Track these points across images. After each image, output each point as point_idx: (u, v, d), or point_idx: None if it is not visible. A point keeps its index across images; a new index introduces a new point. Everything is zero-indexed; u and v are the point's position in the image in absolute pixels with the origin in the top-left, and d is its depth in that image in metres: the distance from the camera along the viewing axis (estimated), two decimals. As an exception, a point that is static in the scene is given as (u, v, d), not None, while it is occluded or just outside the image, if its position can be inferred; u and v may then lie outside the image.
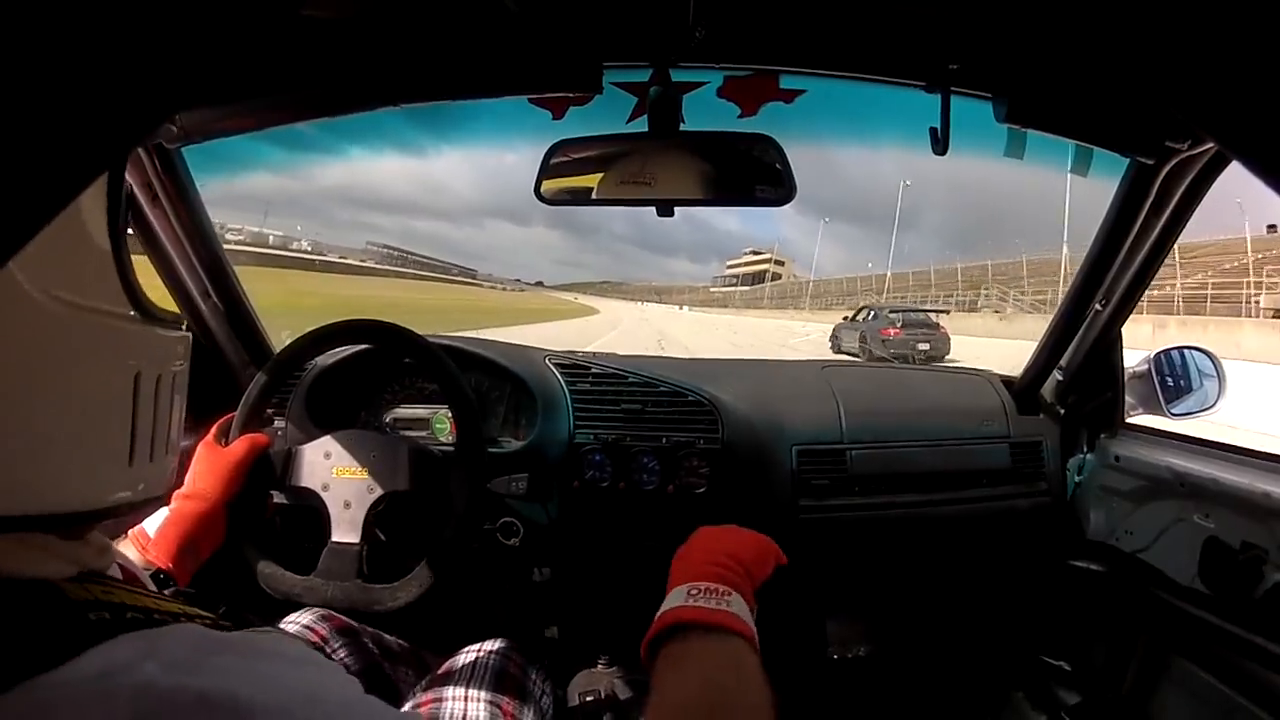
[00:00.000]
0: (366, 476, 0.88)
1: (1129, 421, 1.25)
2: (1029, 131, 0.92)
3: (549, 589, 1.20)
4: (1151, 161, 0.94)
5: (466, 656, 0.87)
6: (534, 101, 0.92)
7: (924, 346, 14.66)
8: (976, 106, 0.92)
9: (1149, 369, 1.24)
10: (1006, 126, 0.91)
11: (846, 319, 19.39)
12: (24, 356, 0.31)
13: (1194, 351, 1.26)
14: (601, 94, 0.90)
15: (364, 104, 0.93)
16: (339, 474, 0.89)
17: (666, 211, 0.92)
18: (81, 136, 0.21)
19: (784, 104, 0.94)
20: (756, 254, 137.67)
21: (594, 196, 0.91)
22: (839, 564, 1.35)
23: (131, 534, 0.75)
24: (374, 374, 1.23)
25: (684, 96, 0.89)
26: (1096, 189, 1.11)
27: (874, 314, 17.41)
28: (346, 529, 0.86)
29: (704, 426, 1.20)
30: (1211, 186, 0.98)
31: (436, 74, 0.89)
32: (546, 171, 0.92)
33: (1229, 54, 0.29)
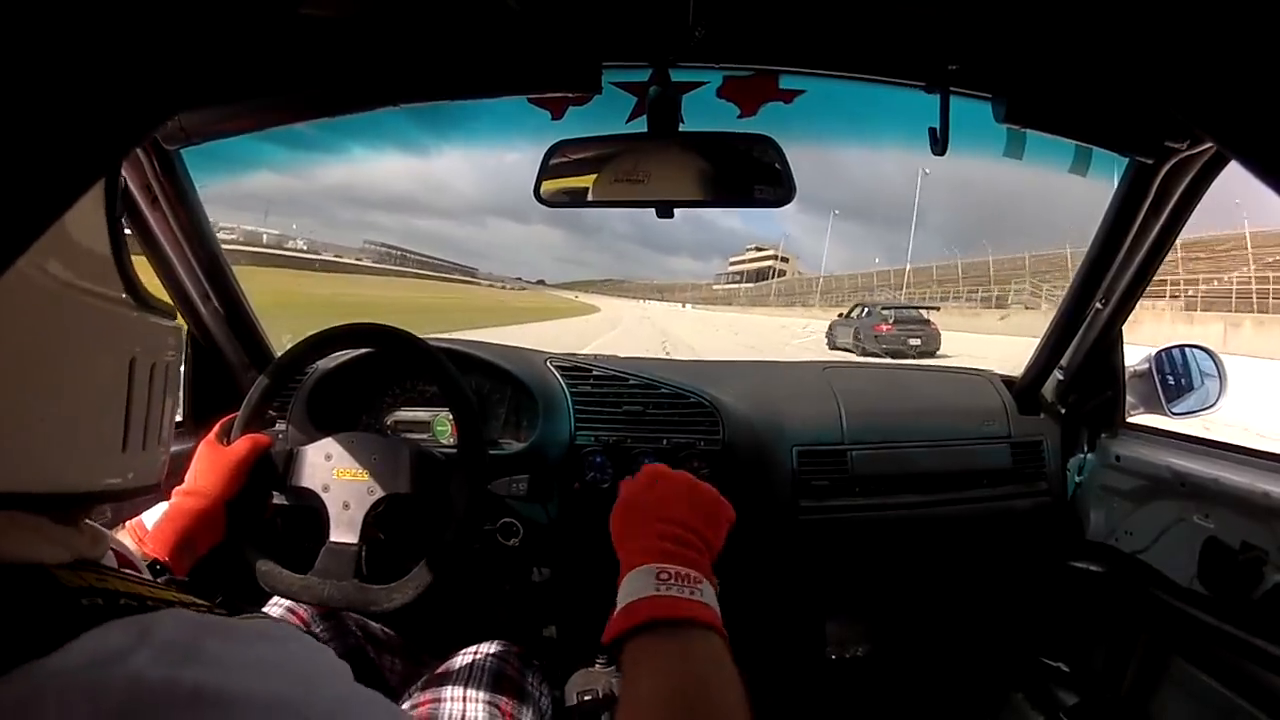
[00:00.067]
0: (367, 478, 0.88)
1: (1130, 421, 1.25)
2: (1028, 131, 0.93)
3: (548, 589, 1.20)
4: (1151, 161, 0.95)
5: (464, 658, 0.87)
6: (533, 101, 0.91)
7: (915, 342, 15.28)
8: (976, 107, 0.92)
9: (1150, 368, 1.24)
10: (1006, 127, 0.92)
11: (842, 315, 20.05)
12: (20, 333, 0.30)
13: (1195, 350, 1.25)
14: (601, 94, 0.89)
15: (364, 104, 0.93)
16: (339, 475, 0.88)
17: (666, 213, 0.92)
18: (81, 138, 0.21)
19: (783, 104, 0.94)
20: (760, 250, 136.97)
21: (591, 198, 0.91)
22: (839, 564, 1.34)
23: (129, 525, 0.75)
24: (375, 377, 1.23)
25: (683, 97, 0.89)
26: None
27: (868, 311, 18.07)
28: (345, 529, 0.86)
29: (705, 428, 1.20)
30: (1211, 186, 0.98)
31: (436, 74, 0.89)
32: (546, 172, 0.92)
33: (1229, 54, 0.29)
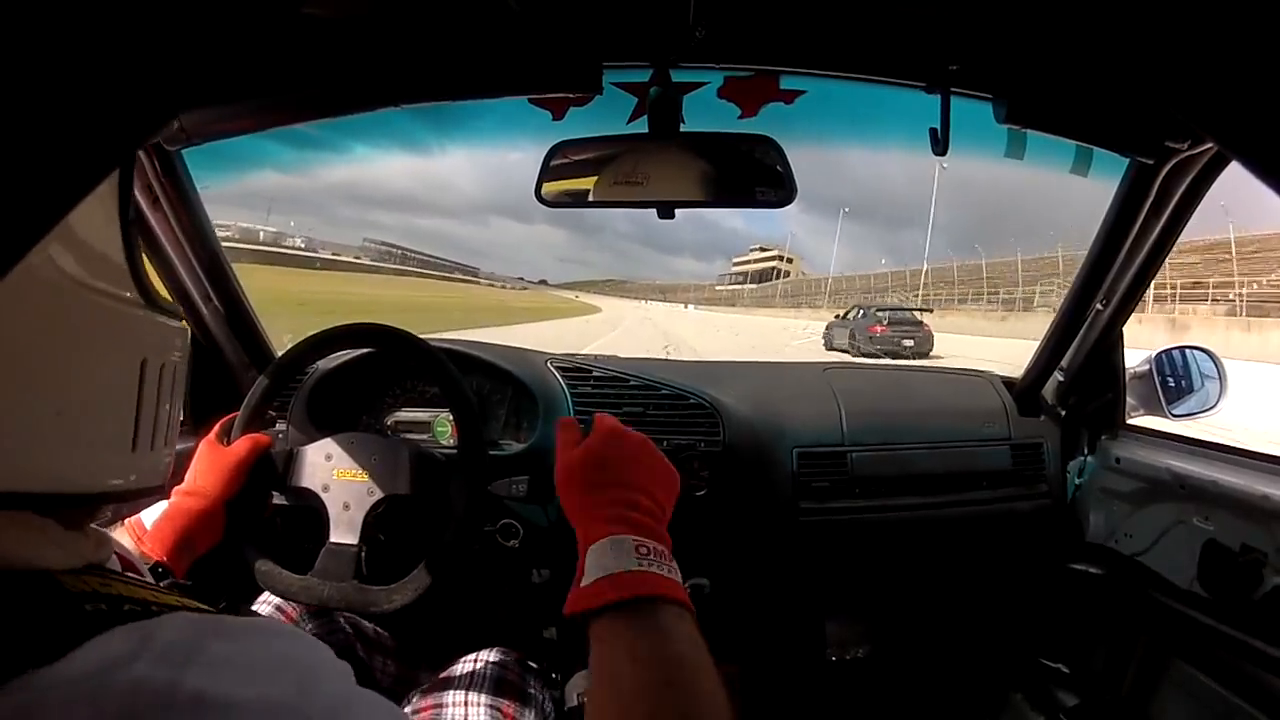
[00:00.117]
0: (367, 479, 0.88)
1: (1130, 423, 1.25)
2: (1029, 132, 0.92)
3: (548, 590, 1.20)
4: (1151, 161, 0.95)
5: (464, 665, 0.87)
6: (534, 102, 0.91)
7: (908, 343, 15.79)
8: (976, 107, 0.92)
9: (1150, 369, 1.24)
10: (1006, 127, 0.92)
11: (838, 317, 20.76)
12: (35, 332, 0.31)
13: (1195, 352, 1.25)
14: (601, 94, 0.89)
15: (365, 104, 0.93)
16: (339, 476, 0.88)
17: (667, 213, 0.92)
18: (86, 137, 0.21)
19: (784, 105, 0.93)
20: (764, 251, 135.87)
21: (592, 198, 0.91)
22: (839, 566, 1.34)
23: (128, 523, 0.75)
24: (375, 377, 1.23)
25: (684, 97, 0.89)
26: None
27: (863, 313, 18.74)
28: (345, 530, 0.86)
29: (705, 429, 1.20)
30: (1211, 186, 0.98)
31: (437, 74, 0.89)
32: (547, 173, 0.91)
33: (1229, 54, 0.29)
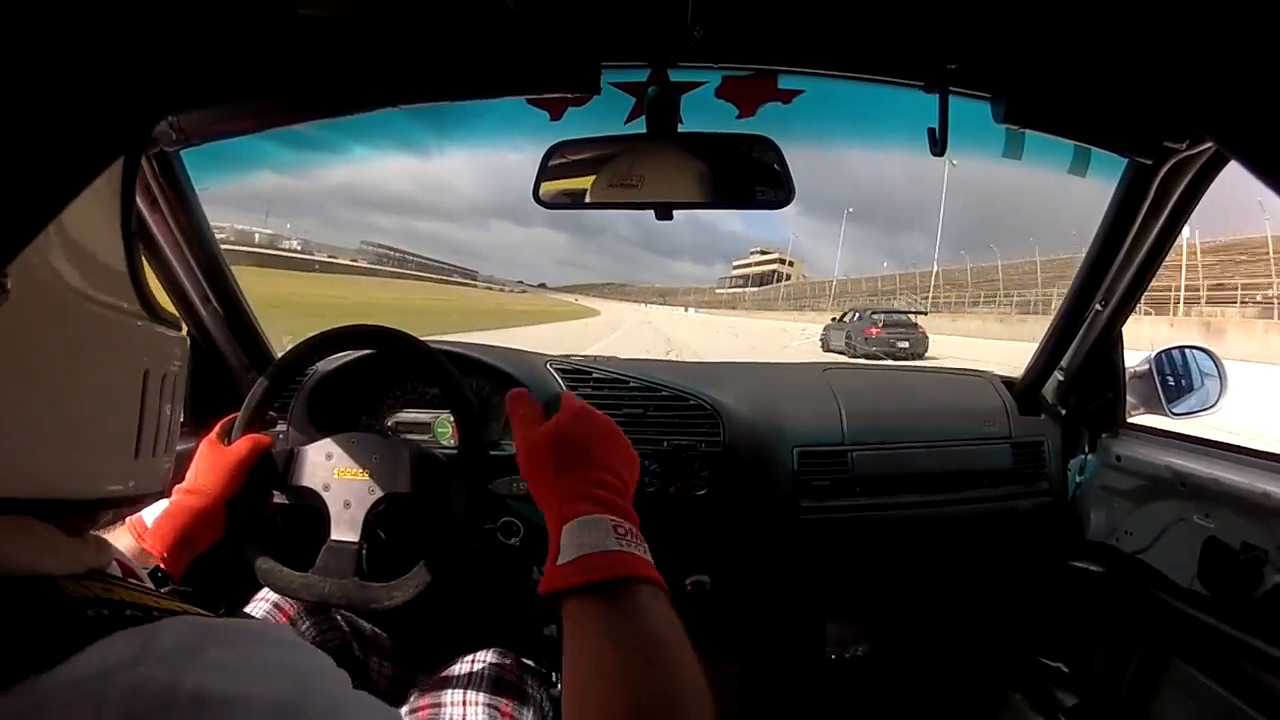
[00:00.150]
0: (368, 478, 0.88)
1: (1130, 421, 1.25)
2: (1027, 132, 0.92)
3: None
4: (1150, 161, 0.94)
5: (462, 665, 0.87)
6: (532, 102, 0.91)
7: (903, 344, 16.15)
8: (975, 107, 0.92)
9: (1150, 369, 1.24)
10: (1005, 127, 0.91)
11: (835, 319, 21.31)
12: (40, 343, 0.32)
13: (1195, 351, 1.26)
14: (600, 94, 0.89)
15: (363, 105, 0.93)
16: (340, 475, 0.88)
17: (665, 214, 0.92)
18: (81, 134, 0.21)
19: (782, 104, 0.93)
20: (765, 254, 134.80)
21: (590, 199, 0.90)
22: (839, 565, 1.34)
23: (129, 522, 0.75)
24: (376, 378, 1.23)
25: (682, 97, 0.89)
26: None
27: (859, 315, 19.37)
28: (346, 528, 0.86)
29: (705, 430, 1.20)
30: (1210, 186, 0.98)
31: (435, 75, 0.89)
32: (544, 174, 0.91)
33: (1228, 54, 0.29)
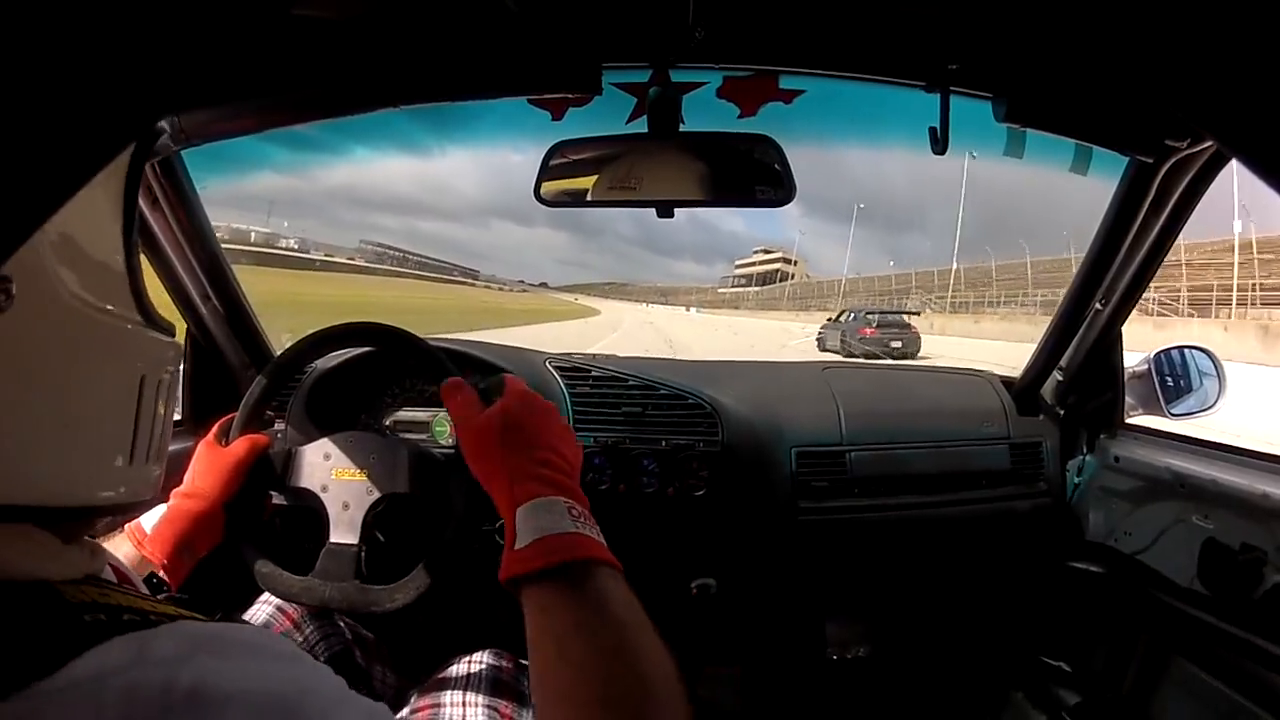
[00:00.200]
0: (366, 479, 0.88)
1: (1129, 422, 1.25)
2: (1028, 131, 0.92)
3: None
4: (1151, 160, 0.94)
5: (459, 666, 0.87)
6: (533, 103, 0.91)
7: (896, 344, 16.57)
8: (976, 106, 0.92)
9: (1149, 369, 1.24)
10: (1006, 126, 0.91)
11: (830, 319, 21.86)
12: (46, 352, 0.32)
13: (1194, 351, 1.26)
14: (601, 95, 0.89)
15: (364, 105, 0.93)
16: (338, 475, 0.88)
17: (666, 213, 0.92)
18: (79, 133, 0.21)
19: (783, 104, 0.93)
20: (767, 253, 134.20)
21: (591, 198, 0.91)
22: (839, 565, 1.34)
23: (128, 529, 0.75)
24: (374, 376, 1.23)
25: (683, 97, 0.89)
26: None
27: (854, 316, 19.90)
28: (345, 530, 0.86)
29: (704, 429, 1.20)
30: (1210, 186, 0.98)
31: (436, 75, 0.89)
32: (546, 173, 0.92)
33: (1229, 53, 0.29)
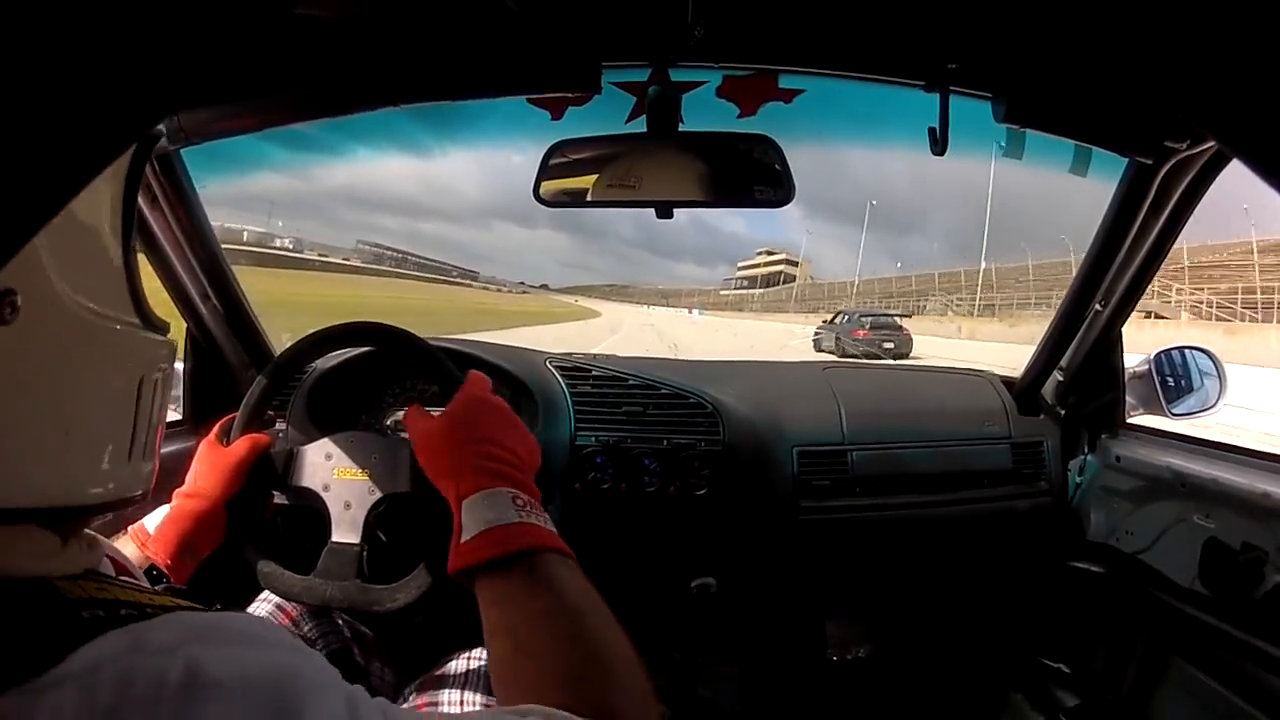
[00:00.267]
0: (367, 478, 0.88)
1: (1130, 422, 1.24)
2: (1028, 131, 0.92)
3: None
4: (1150, 161, 0.94)
5: (458, 662, 0.87)
6: (533, 102, 0.91)
7: (889, 345, 17.07)
8: (976, 106, 0.92)
9: (1149, 369, 1.24)
10: (1005, 126, 0.91)
11: (826, 322, 22.53)
12: (49, 358, 0.33)
13: (1194, 351, 1.26)
14: (600, 94, 0.89)
15: (364, 104, 0.93)
16: (340, 475, 0.88)
17: (665, 213, 0.92)
18: (78, 132, 0.21)
19: (783, 104, 0.94)
20: (770, 255, 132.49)
21: (591, 198, 0.91)
22: (839, 565, 1.34)
23: (131, 530, 0.75)
24: (375, 376, 1.23)
25: (683, 96, 0.89)
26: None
27: (848, 318, 20.58)
28: (347, 529, 0.86)
29: (705, 428, 1.20)
30: (1210, 187, 0.98)
31: (436, 74, 0.89)
32: (545, 173, 0.92)
33: (1229, 52, 0.29)
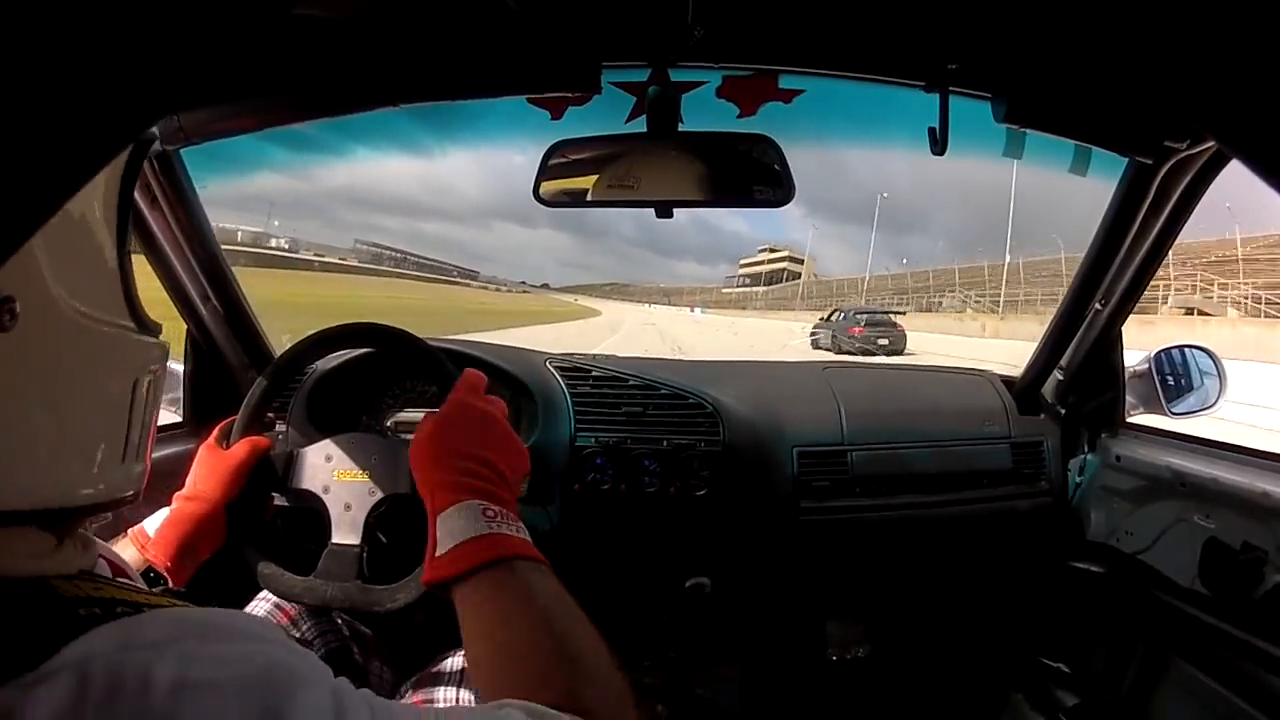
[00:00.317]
0: (367, 479, 0.88)
1: (1130, 421, 1.25)
2: (1028, 131, 0.92)
3: None
4: (1150, 161, 0.95)
5: (453, 660, 0.87)
6: (533, 101, 0.91)
7: (884, 342, 17.34)
8: (976, 106, 0.92)
9: (1149, 368, 1.24)
10: (1005, 126, 0.92)
11: (822, 319, 22.66)
12: (49, 366, 0.34)
13: (1194, 350, 1.26)
14: (600, 94, 0.89)
15: (364, 104, 0.93)
16: (340, 477, 0.88)
17: (665, 213, 0.92)
18: (77, 132, 0.21)
19: (783, 104, 0.93)
20: (773, 252, 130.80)
21: (591, 198, 0.91)
22: (839, 565, 1.34)
23: (131, 533, 0.75)
24: (375, 377, 1.23)
25: (683, 96, 0.89)
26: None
27: (844, 315, 20.73)
28: (347, 531, 0.86)
29: (705, 429, 1.20)
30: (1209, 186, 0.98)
31: (435, 74, 0.89)
32: (545, 173, 0.92)
33: (1229, 53, 0.29)
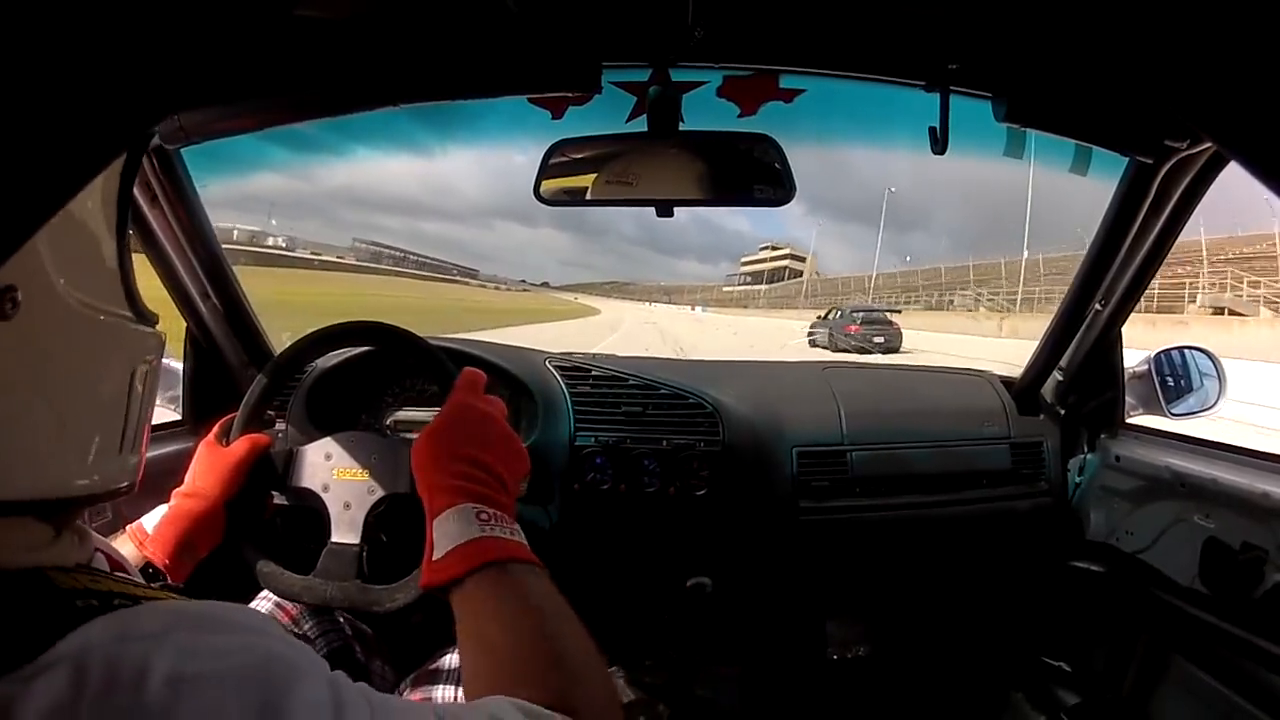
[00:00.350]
0: (367, 478, 0.88)
1: (1129, 421, 1.25)
2: (1029, 131, 0.92)
3: None
4: (1151, 161, 0.94)
5: (451, 657, 0.87)
6: (533, 101, 0.91)
7: (879, 339, 17.50)
8: (976, 106, 0.92)
9: (1149, 369, 1.24)
10: (1006, 126, 0.91)
11: (820, 318, 22.90)
12: (50, 354, 0.34)
13: (1194, 351, 1.26)
14: (600, 93, 0.89)
15: (364, 104, 0.93)
16: (340, 475, 0.88)
17: (666, 212, 0.92)
18: (77, 133, 0.21)
19: (783, 103, 0.94)
20: (775, 249, 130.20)
21: (591, 196, 0.91)
22: (839, 565, 1.34)
23: (129, 529, 0.75)
24: (375, 376, 1.23)
25: (683, 96, 0.89)
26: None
27: (841, 314, 20.93)
28: (346, 530, 0.86)
29: (704, 429, 1.20)
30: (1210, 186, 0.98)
31: (436, 74, 0.89)
32: (545, 172, 0.92)
33: (1228, 54, 0.29)
